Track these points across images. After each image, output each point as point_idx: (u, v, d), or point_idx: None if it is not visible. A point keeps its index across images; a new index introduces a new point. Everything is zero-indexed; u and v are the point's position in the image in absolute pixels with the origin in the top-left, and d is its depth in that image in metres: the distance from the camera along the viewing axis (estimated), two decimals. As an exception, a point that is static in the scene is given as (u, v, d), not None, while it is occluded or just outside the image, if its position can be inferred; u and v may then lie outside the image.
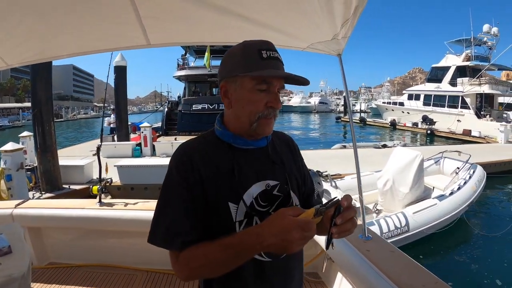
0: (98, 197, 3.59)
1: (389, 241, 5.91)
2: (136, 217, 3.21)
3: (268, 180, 1.20)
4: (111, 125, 19.06)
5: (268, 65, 1.09)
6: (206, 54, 23.45)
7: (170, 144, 15.19)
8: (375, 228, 5.96)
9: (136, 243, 3.40)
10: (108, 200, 3.60)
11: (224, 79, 1.18)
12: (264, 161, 1.23)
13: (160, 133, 23.32)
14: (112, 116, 19.61)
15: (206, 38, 2.42)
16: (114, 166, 9.48)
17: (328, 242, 1.01)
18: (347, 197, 1.00)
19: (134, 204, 3.38)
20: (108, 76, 4.54)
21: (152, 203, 3.37)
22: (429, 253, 7.15)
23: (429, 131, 29.26)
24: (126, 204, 3.38)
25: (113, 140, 16.73)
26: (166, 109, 25.72)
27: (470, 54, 35.49)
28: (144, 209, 3.26)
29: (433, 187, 8.52)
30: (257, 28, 2.07)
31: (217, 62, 26.42)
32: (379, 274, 1.98)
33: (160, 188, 1.16)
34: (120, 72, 17.32)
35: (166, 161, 9.90)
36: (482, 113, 30.20)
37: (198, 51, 28.18)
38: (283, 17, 2.05)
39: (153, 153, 15.11)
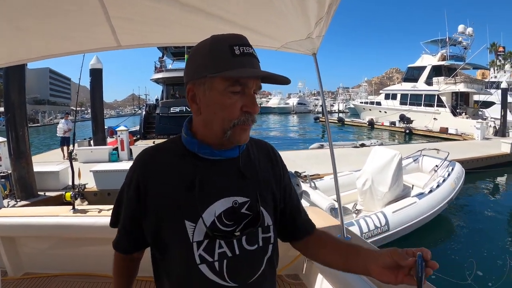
0: (72, 204, 3.50)
1: (369, 240, 5.99)
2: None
3: (236, 197, 1.06)
4: (66, 134, 15.49)
5: (242, 63, 0.95)
6: (186, 56, 23.30)
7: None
8: (355, 229, 5.98)
9: (111, 250, 3.30)
10: (82, 206, 3.50)
11: (191, 81, 1.03)
12: (233, 175, 1.08)
13: (138, 136, 23.05)
14: (63, 121, 16.21)
15: (178, 39, 2.35)
16: (90, 171, 9.34)
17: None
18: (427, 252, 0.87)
19: (108, 210, 3.27)
20: (80, 78, 4.44)
21: (127, 209, 3.29)
22: (410, 250, 7.25)
23: (407, 130, 29.86)
24: (100, 211, 3.29)
25: (90, 145, 16.46)
26: (144, 112, 25.47)
27: (445, 54, 36.70)
28: (119, 215, 3.16)
29: (412, 185, 8.62)
30: (230, 28, 2.03)
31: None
32: (359, 275, 1.95)
33: None
34: (96, 74, 17.02)
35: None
36: (458, 111, 31.19)
37: (176, 54, 28.05)
38: (256, 16, 2.01)
39: (130, 157, 14.93)
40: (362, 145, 18.36)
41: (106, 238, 3.31)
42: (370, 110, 42.04)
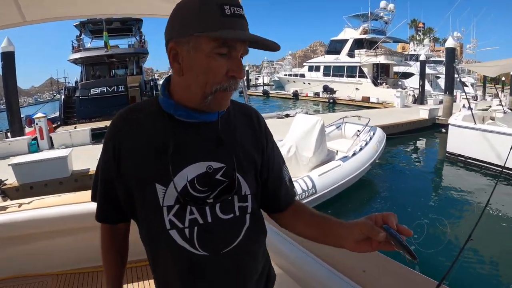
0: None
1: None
2: (32, 218, 2.85)
3: (211, 162, 1.00)
4: None
5: (231, 24, 0.87)
6: (104, 33, 22.06)
7: (68, 134, 14.45)
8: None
9: (40, 246, 3.07)
10: (1, 203, 3.22)
11: (173, 39, 0.93)
12: (209, 139, 1.02)
13: (59, 123, 21.60)
14: None
15: (90, 11, 2.16)
16: (9, 165, 8.70)
17: (411, 252, 0.84)
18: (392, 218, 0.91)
19: (29, 203, 3.01)
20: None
21: (49, 199, 3.07)
22: (338, 211, 7.72)
23: (331, 100, 31.16)
24: (20, 205, 3.02)
25: (7, 137, 15.24)
26: (63, 97, 23.55)
27: (367, 28, 39.20)
28: (40, 207, 2.93)
29: (337, 151, 9.00)
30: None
31: (114, 42, 25.13)
32: (289, 241, 1.92)
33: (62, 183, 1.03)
34: (8, 58, 15.47)
35: (65, 152, 9.27)
36: (378, 81, 33.29)
37: (94, 31, 26.20)
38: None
39: (51, 146, 14.10)
40: (287, 116, 18.97)
41: (31, 234, 3.09)
42: (294, 82, 43.21)
